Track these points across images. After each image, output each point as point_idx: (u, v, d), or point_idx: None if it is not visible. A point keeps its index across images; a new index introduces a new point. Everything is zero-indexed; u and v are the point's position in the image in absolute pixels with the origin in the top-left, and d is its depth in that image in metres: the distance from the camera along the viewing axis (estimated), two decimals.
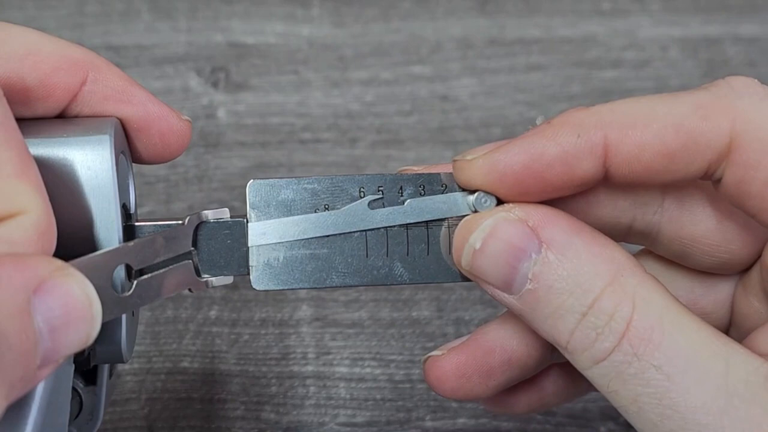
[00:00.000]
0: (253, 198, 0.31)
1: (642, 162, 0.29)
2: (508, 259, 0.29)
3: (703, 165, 0.29)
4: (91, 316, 0.25)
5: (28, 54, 0.30)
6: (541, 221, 0.29)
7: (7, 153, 0.25)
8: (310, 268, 0.32)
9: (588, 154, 0.29)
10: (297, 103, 0.58)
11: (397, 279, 0.32)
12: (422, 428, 0.44)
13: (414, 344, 0.47)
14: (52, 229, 0.26)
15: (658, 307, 0.28)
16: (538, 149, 0.29)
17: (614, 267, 0.28)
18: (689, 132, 0.29)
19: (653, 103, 0.29)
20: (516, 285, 0.29)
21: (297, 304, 0.48)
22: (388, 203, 0.32)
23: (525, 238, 0.29)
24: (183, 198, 0.53)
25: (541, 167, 0.29)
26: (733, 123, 0.29)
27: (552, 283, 0.28)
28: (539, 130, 0.30)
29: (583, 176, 0.29)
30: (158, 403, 0.44)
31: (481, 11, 0.63)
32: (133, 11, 0.61)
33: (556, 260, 0.28)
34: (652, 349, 0.27)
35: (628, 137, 0.29)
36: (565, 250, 0.28)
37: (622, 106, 0.30)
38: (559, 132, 0.29)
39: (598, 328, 0.28)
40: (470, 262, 0.30)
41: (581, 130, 0.29)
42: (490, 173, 0.30)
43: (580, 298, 0.28)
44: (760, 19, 0.64)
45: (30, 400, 0.25)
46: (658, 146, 0.29)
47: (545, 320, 0.29)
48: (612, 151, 0.29)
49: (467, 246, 0.30)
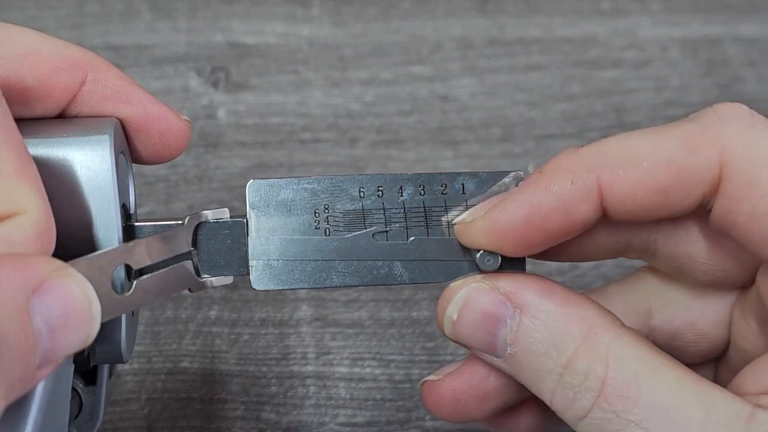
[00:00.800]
0: (252, 198, 0.31)
1: (637, 200, 0.29)
2: (485, 327, 0.30)
3: (696, 198, 0.29)
4: (90, 316, 0.25)
5: (28, 54, 0.30)
6: (512, 287, 0.30)
7: (7, 153, 0.25)
8: (310, 268, 0.32)
9: (584, 199, 0.29)
10: (297, 103, 0.58)
11: (397, 279, 0.32)
12: (422, 428, 0.44)
13: (414, 344, 0.47)
14: (52, 229, 0.26)
15: (633, 362, 0.28)
16: (535, 202, 0.29)
17: (586, 326, 0.29)
18: (679, 168, 0.29)
19: (642, 140, 0.29)
20: (499, 349, 0.30)
21: (297, 304, 0.48)
22: (393, 237, 0.32)
23: (498, 305, 0.30)
24: (183, 198, 0.53)
25: (541, 219, 0.29)
26: (720, 155, 0.29)
27: (529, 346, 0.29)
28: (533, 182, 0.30)
29: (582, 220, 0.30)
30: (158, 403, 0.44)
31: (481, 11, 0.63)
32: (133, 11, 0.61)
33: (530, 324, 0.29)
34: (630, 405, 0.28)
35: (620, 178, 0.29)
36: (538, 313, 0.29)
37: (611, 146, 0.30)
38: (552, 181, 0.29)
39: (575, 388, 0.29)
40: (452, 332, 0.31)
41: (574, 176, 0.29)
42: (491, 233, 0.30)
43: (555, 359, 0.29)
44: (760, 19, 0.64)
45: (30, 400, 0.25)
46: (650, 184, 0.29)
47: (530, 381, 0.30)
48: (606, 193, 0.29)
49: (446, 318, 0.31)
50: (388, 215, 0.32)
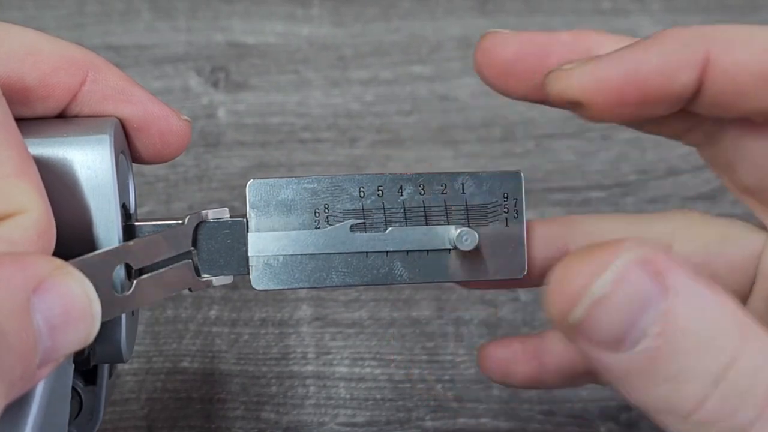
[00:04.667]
0: (252, 197, 0.31)
1: (737, 81, 0.29)
2: (632, 310, 0.24)
3: None
4: (90, 316, 0.25)
5: (28, 54, 0.30)
6: (666, 264, 0.24)
7: (7, 153, 0.25)
8: (310, 268, 0.32)
9: (689, 66, 0.29)
10: (297, 103, 0.58)
11: (397, 279, 0.32)
12: (422, 428, 0.44)
13: (414, 344, 0.47)
14: (52, 228, 0.26)
15: None
16: (639, 59, 0.29)
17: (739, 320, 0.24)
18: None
19: (758, 28, 0.29)
20: (629, 341, 0.24)
21: (297, 304, 0.48)
22: (371, 227, 0.32)
23: (651, 284, 0.24)
24: (183, 198, 0.53)
25: (642, 77, 0.29)
26: None
27: (679, 339, 0.24)
28: (641, 43, 0.29)
29: (681, 90, 0.29)
30: (158, 403, 0.44)
31: (481, 11, 0.63)
32: (133, 11, 0.61)
33: (684, 313, 0.24)
34: None
35: (728, 53, 0.29)
36: (693, 301, 0.24)
37: (725, 26, 0.30)
38: (662, 44, 0.29)
39: (740, 395, 0.24)
40: (584, 314, 0.24)
41: (684, 42, 0.29)
42: (588, 83, 0.29)
43: (713, 358, 0.24)
44: (760, 19, 0.64)
45: (30, 400, 0.25)
46: (755, 66, 0.29)
47: (662, 383, 0.24)
48: (711, 66, 0.29)
49: (588, 295, 0.24)
50: (388, 215, 0.32)
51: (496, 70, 0.32)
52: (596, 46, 0.31)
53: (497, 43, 0.32)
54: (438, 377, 0.46)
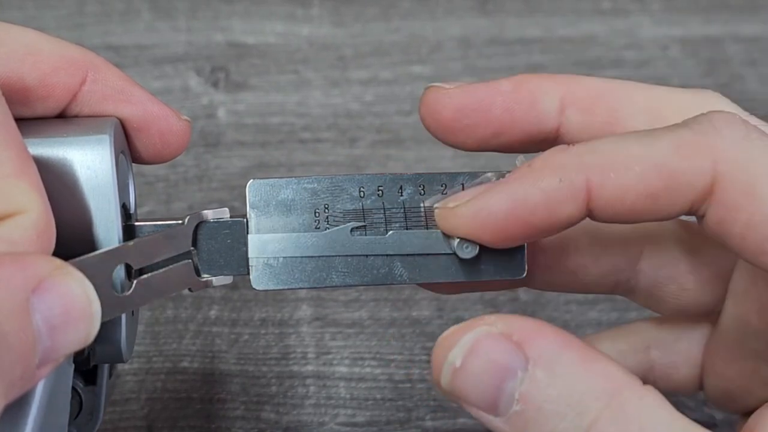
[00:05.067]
0: (252, 197, 0.31)
1: (625, 204, 0.29)
2: (491, 378, 0.26)
3: (686, 204, 0.29)
4: (90, 316, 0.25)
5: (28, 54, 0.30)
6: (526, 335, 0.26)
7: (6, 153, 0.25)
8: (310, 268, 0.32)
9: (571, 198, 0.28)
10: (297, 103, 0.58)
11: (397, 279, 0.32)
12: (422, 428, 0.44)
13: (414, 344, 0.47)
14: (51, 228, 0.26)
15: (665, 426, 0.26)
16: (520, 195, 0.29)
17: (610, 384, 0.26)
18: (671, 173, 0.28)
19: (635, 143, 0.29)
20: (502, 406, 0.26)
21: (297, 304, 0.48)
22: (371, 230, 0.32)
23: (510, 354, 0.26)
24: (183, 198, 0.53)
25: (525, 213, 0.29)
26: (714, 163, 0.28)
27: (541, 404, 0.26)
28: (521, 175, 0.29)
29: (567, 218, 0.29)
30: (158, 403, 0.44)
31: (481, 11, 0.63)
32: (133, 11, 0.61)
33: (545, 378, 0.26)
34: None
35: (610, 180, 0.28)
36: (554, 367, 0.26)
37: (603, 147, 0.29)
38: (540, 176, 0.29)
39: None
40: (450, 381, 0.27)
41: (563, 173, 0.28)
42: (473, 221, 0.29)
43: (575, 421, 0.25)
44: (761, 18, 0.64)
45: (30, 400, 0.25)
46: (640, 188, 0.28)
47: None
48: (595, 194, 0.28)
49: (446, 364, 0.27)
50: (388, 215, 0.32)
51: (440, 126, 0.32)
52: (537, 92, 0.32)
53: (439, 100, 0.32)
54: None
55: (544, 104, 0.32)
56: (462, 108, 0.32)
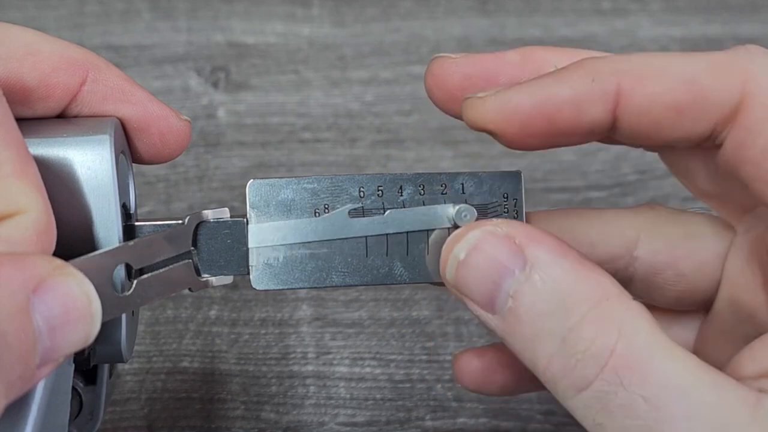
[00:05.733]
0: (253, 198, 0.31)
1: (651, 114, 0.29)
2: (491, 274, 0.28)
3: (709, 124, 0.29)
4: (90, 316, 0.25)
5: (28, 54, 0.30)
6: (527, 239, 0.28)
7: (7, 153, 0.25)
8: (310, 268, 0.32)
9: (600, 99, 0.29)
10: (297, 103, 0.58)
11: (397, 279, 0.32)
12: (422, 428, 0.44)
13: (414, 344, 0.47)
14: (52, 228, 0.26)
15: (645, 336, 0.27)
16: (551, 91, 0.29)
17: (599, 291, 0.27)
18: (701, 88, 0.29)
19: (669, 58, 0.29)
20: (498, 303, 0.28)
21: (297, 304, 0.48)
22: (369, 212, 0.32)
23: (510, 254, 0.28)
24: (183, 198, 0.53)
25: (552, 109, 0.29)
26: (743, 85, 0.28)
27: (534, 303, 0.27)
28: (554, 73, 0.29)
29: (592, 122, 0.29)
30: (158, 403, 0.44)
31: (481, 11, 0.63)
32: (133, 11, 0.61)
33: (539, 280, 0.27)
34: (639, 379, 0.26)
35: (640, 87, 0.29)
36: (549, 270, 0.27)
37: (638, 57, 0.30)
38: (573, 75, 0.29)
39: (578, 354, 0.26)
40: (454, 274, 0.29)
41: (596, 75, 0.29)
42: (500, 112, 0.29)
43: (561, 321, 0.27)
44: (760, 19, 0.64)
45: (30, 400, 0.25)
46: (668, 99, 0.29)
47: (525, 343, 0.28)
48: (623, 100, 0.29)
49: (452, 257, 0.29)
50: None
51: (445, 95, 0.32)
52: (545, 63, 0.32)
53: (445, 68, 0.32)
54: (438, 377, 0.46)
55: None
56: (469, 76, 0.32)
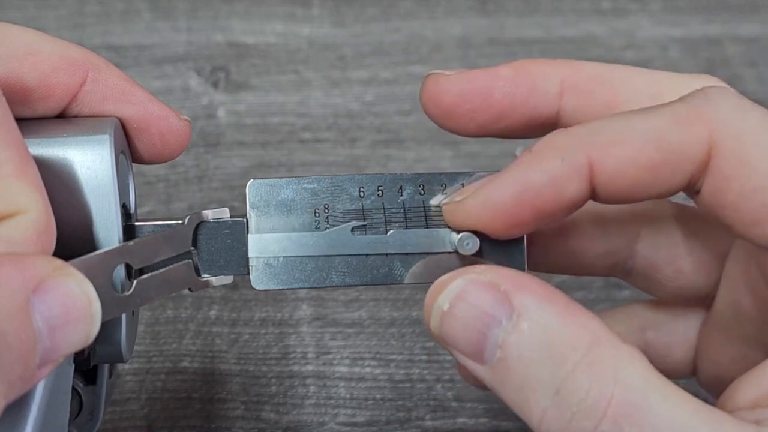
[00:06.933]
0: (253, 198, 0.31)
1: (627, 178, 0.29)
2: (477, 324, 0.27)
3: (685, 177, 0.29)
4: (90, 316, 0.25)
5: (28, 54, 0.30)
6: (513, 286, 0.27)
7: (7, 152, 0.25)
8: (310, 268, 0.32)
9: (574, 176, 0.29)
10: (297, 103, 0.58)
11: (397, 279, 0.32)
12: (422, 428, 0.44)
13: (414, 344, 0.47)
14: (52, 228, 0.26)
15: (641, 380, 0.26)
16: (526, 179, 0.29)
17: (589, 337, 0.27)
18: (669, 145, 0.29)
19: (632, 119, 0.29)
20: (487, 354, 0.27)
21: (297, 304, 0.48)
22: (372, 230, 0.32)
23: (495, 303, 0.27)
24: (183, 198, 0.53)
25: (532, 197, 0.29)
26: (710, 133, 0.29)
27: (522, 352, 0.26)
28: (524, 160, 0.29)
29: (572, 198, 0.29)
30: (158, 403, 0.44)
31: (481, 11, 0.63)
32: (133, 11, 0.61)
33: (527, 328, 0.27)
34: (639, 426, 0.25)
35: (610, 155, 0.29)
36: (537, 318, 0.27)
37: (601, 125, 0.29)
38: (543, 159, 0.29)
39: (574, 406, 0.26)
40: (439, 325, 0.28)
41: (564, 153, 0.29)
42: (482, 212, 0.30)
43: (553, 370, 0.26)
44: (760, 19, 0.64)
45: (30, 400, 0.25)
46: (640, 161, 0.29)
47: (516, 394, 0.27)
48: (597, 170, 0.29)
49: (435, 307, 0.28)
50: (387, 215, 0.32)
51: (441, 111, 0.32)
52: (537, 78, 0.32)
53: (440, 86, 0.32)
54: (438, 377, 0.46)
55: (544, 88, 0.32)
56: (463, 93, 0.32)
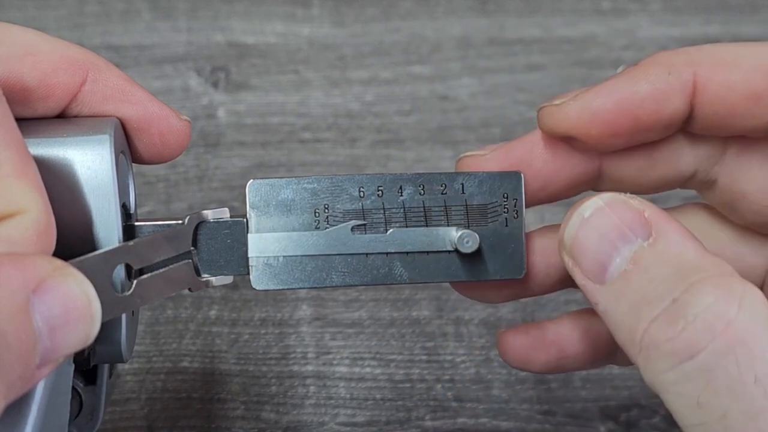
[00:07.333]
0: (253, 198, 0.31)
1: (728, 102, 0.29)
2: (612, 236, 0.27)
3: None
4: (90, 316, 0.25)
5: (28, 54, 0.30)
6: (657, 216, 0.27)
7: (7, 153, 0.25)
8: (310, 268, 0.32)
9: (678, 91, 0.29)
10: (297, 103, 0.58)
11: (397, 279, 0.32)
12: (422, 428, 0.44)
13: (414, 344, 0.47)
14: (52, 228, 0.26)
15: (762, 316, 0.25)
16: (630, 89, 0.29)
17: (721, 269, 0.26)
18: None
19: (744, 48, 0.30)
20: (611, 270, 0.27)
21: (297, 304, 0.48)
22: (371, 229, 0.32)
23: (637, 223, 0.27)
24: (183, 198, 0.53)
25: (634, 106, 0.29)
26: None
27: (652, 267, 0.26)
28: (628, 72, 0.30)
29: (672, 115, 0.29)
30: (158, 403, 0.44)
31: (481, 11, 0.63)
32: (133, 11, 0.61)
33: (663, 249, 0.26)
34: (754, 356, 0.24)
35: (717, 75, 0.29)
36: (675, 243, 0.26)
37: (710, 48, 0.30)
38: (649, 71, 0.29)
39: (689, 316, 0.25)
40: (574, 233, 0.28)
41: (671, 68, 0.29)
42: (580, 116, 0.30)
43: (676, 283, 0.26)
44: (760, 19, 0.64)
45: (30, 400, 0.25)
46: (745, 87, 0.29)
47: (628, 309, 0.26)
48: (700, 90, 0.29)
49: (576, 214, 0.28)
50: (387, 215, 0.32)
51: None
52: None
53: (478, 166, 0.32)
54: (438, 377, 0.46)
55: None
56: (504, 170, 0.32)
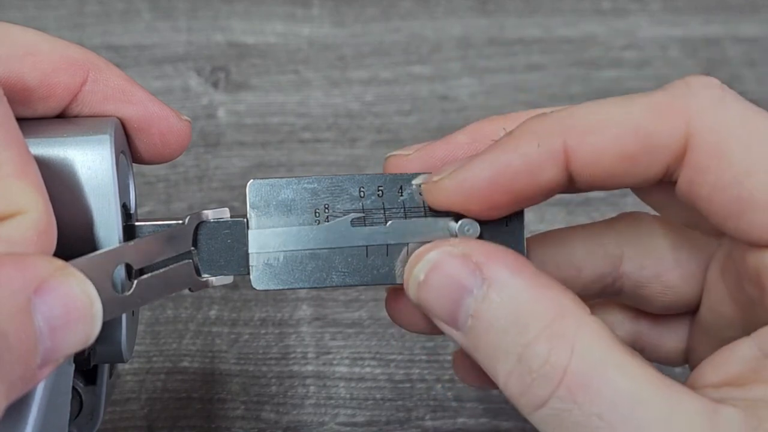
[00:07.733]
0: (253, 198, 0.31)
1: (602, 166, 0.29)
2: (451, 293, 0.28)
3: (661, 167, 0.29)
4: (91, 316, 0.25)
5: (28, 54, 0.30)
6: (485, 257, 0.28)
7: (7, 153, 0.25)
8: (310, 268, 0.32)
9: (550, 161, 0.29)
10: (297, 103, 0.58)
11: (397, 279, 0.32)
12: (422, 428, 0.44)
13: (414, 344, 0.47)
14: (52, 228, 0.26)
15: (598, 352, 0.27)
16: (502, 162, 0.29)
17: (554, 309, 0.28)
18: (646, 134, 0.29)
19: (611, 107, 0.29)
20: (460, 321, 0.28)
21: (297, 304, 0.48)
22: (371, 221, 0.32)
23: (467, 273, 0.28)
24: (183, 198, 0.53)
25: (507, 180, 0.29)
26: (687, 125, 0.28)
27: (491, 321, 0.28)
28: (501, 143, 0.30)
29: (548, 183, 0.29)
30: (158, 403, 0.44)
31: (481, 11, 0.63)
32: (133, 11, 0.61)
33: (496, 298, 0.28)
34: (593, 396, 0.26)
35: (586, 143, 0.29)
36: (506, 289, 0.28)
37: (580, 111, 0.29)
38: (519, 143, 0.29)
39: (533, 372, 0.27)
40: (416, 294, 0.29)
41: (541, 138, 0.29)
42: (457, 193, 0.30)
43: (515, 339, 0.27)
44: (760, 19, 0.64)
45: (30, 400, 0.25)
46: (616, 150, 0.29)
47: (487, 359, 0.28)
48: (572, 157, 0.29)
49: (412, 278, 0.29)
50: (388, 215, 0.32)
51: None
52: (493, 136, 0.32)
53: (401, 167, 0.32)
54: (438, 377, 0.46)
55: None
56: (425, 169, 0.32)
